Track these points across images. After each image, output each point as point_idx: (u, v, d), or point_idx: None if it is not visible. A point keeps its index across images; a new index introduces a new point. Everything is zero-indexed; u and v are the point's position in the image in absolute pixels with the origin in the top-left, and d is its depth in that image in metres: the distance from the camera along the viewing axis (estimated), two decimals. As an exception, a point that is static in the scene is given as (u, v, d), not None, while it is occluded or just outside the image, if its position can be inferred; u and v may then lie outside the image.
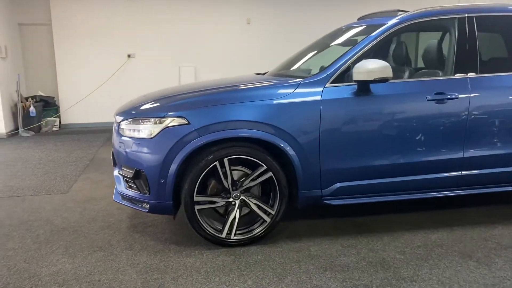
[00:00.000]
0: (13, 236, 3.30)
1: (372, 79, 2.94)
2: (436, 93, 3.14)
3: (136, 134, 3.01)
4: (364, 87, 3.06)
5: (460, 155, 3.21)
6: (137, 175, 3.02)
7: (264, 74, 4.13)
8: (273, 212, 3.04)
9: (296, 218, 3.54)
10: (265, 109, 2.95)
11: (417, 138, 3.12)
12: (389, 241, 3.11)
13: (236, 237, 3.02)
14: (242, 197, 3.01)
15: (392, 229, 3.32)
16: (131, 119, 3.06)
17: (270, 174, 2.99)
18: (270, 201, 3.10)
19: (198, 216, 2.96)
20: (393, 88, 3.14)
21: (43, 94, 8.70)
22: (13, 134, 8.04)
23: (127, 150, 3.05)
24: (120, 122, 3.13)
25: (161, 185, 2.92)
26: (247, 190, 3.03)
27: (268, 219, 3.04)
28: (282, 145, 2.95)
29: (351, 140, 3.07)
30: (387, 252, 2.94)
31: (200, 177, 2.91)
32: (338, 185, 3.11)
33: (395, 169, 3.16)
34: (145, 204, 3.03)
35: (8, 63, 8.15)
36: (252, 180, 3.01)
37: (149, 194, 2.98)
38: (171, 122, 2.90)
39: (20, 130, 8.03)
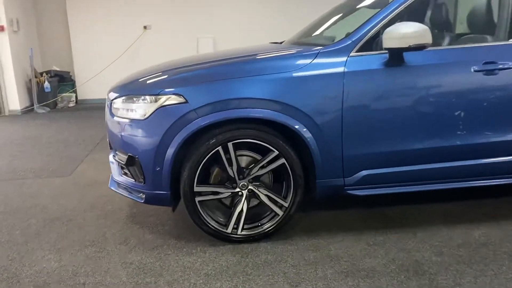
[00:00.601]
0: (2, 227, 3.01)
1: (407, 46, 2.42)
2: (485, 63, 2.58)
3: (128, 114, 2.61)
4: (396, 56, 2.54)
5: (512, 137, 2.68)
6: (131, 162, 2.64)
7: (281, 43, 3.64)
8: (286, 205, 2.62)
9: (314, 209, 3.10)
10: (277, 84, 2.49)
11: (461, 117, 2.60)
12: (424, 238, 2.65)
13: (243, 233, 2.63)
14: (250, 187, 2.60)
15: (427, 223, 2.85)
16: (123, 97, 2.66)
17: (282, 160, 2.55)
18: (283, 191, 2.67)
19: (199, 208, 2.57)
20: (432, 57, 2.61)
21: (58, 69, 8.44)
22: (29, 110, 7.85)
23: (120, 133, 2.66)
24: (113, 100, 2.74)
25: (157, 173, 2.53)
26: (256, 179, 2.61)
27: (280, 212, 2.62)
28: (296, 126, 2.50)
29: (380, 120, 2.58)
30: (421, 252, 2.48)
31: (201, 165, 2.50)
32: (364, 173, 2.64)
33: (434, 154, 2.66)
34: (141, 194, 2.66)
35: (20, 37, 7.88)
36: (262, 167, 2.58)
37: (144, 183, 2.61)
38: (166, 100, 2.48)
39: (35, 106, 7.82)
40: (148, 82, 2.68)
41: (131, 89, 2.69)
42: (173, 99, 2.47)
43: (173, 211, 2.70)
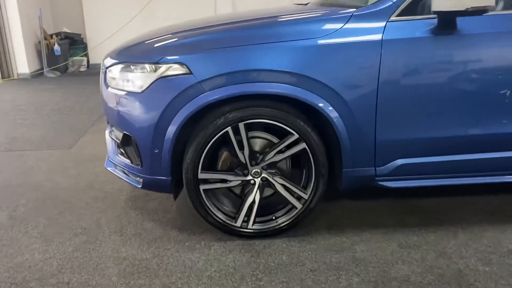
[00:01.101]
0: (-11, 207, 2.72)
1: (463, 9, 1.94)
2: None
3: (124, 86, 2.22)
4: (447, 21, 2.07)
5: None
6: (127, 141, 2.28)
7: (306, 4, 3.15)
8: (305, 197, 2.23)
9: (338, 198, 2.72)
10: (299, 53, 2.05)
11: (524, 99, 2.14)
12: (467, 240, 2.24)
13: (254, 227, 2.27)
14: (264, 175, 2.22)
15: (470, 221, 2.43)
16: (119, 65, 2.27)
17: (303, 145, 2.15)
18: (302, 180, 2.28)
19: (204, 198, 2.21)
20: (493, 25, 2.13)
21: (68, 31, 8.06)
22: (38, 74, 7.54)
23: (114, 107, 2.29)
24: (108, 68, 2.35)
25: (156, 156, 2.16)
26: (272, 165, 2.22)
27: (298, 205, 2.24)
28: (321, 104, 2.08)
29: (422, 99, 2.13)
30: (465, 259, 2.09)
31: (207, 148, 2.12)
32: (400, 162, 2.23)
33: (487, 142, 2.22)
34: (138, 178, 2.31)
35: (29, -4, 7.49)
36: (278, 152, 2.18)
37: (141, 167, 2.25)
38: (167, 70, 2.08)
39: (45, 70, 7.51)
40: (147, 48, 2.28)
41: (128, 56, 2.29)
42: (174, 69, 2.07)
43: (175, 199, 2.35)
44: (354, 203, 2.65)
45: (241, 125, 2.09)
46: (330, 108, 2.09)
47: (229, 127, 2.09)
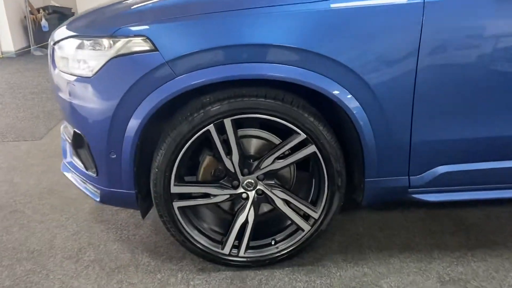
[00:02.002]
0: None
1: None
2: None
3: (72, 68, 1.65)
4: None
5: None
6: (78, 141, 1.73)
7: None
8: (315, 215, 1.68)
9: (356, 209, 2.16)
10: (305, 22, 1.46)
11: None
12: (529, 272, 1.69)
13: (248, 254, 1.72)
14: (260, 187, 1.66)
15: (529, 241, 1.87)
16: (68, 40, 1.69)
17: (312, 148, 1.58)
18: (311, 194, 1.73)
19: (179, 218, 1.66)
20: None
21: (57, 5, 7.43)
22: (25, 52, 6.97)
23: (63, 95, 1.72)
24: (55, 44, 1.78)
25: (113, 162, 1.61)
26: (270, 175, 1.66)
27: (306, 227, 1.69)
28: (336, 92, 1.50)
29: (480, 85, 1.54)
30: (530, 302, 1.54)
31: (181, 153, 1.56)
32: (442, 169, 1.65)
33: None
34: (96, 189, 1.77)
35: (12, -34, 6.85)
36: (280, 158, 1.62)
37: (97, 175, 1.70)
38: (124, 46, 1.50)
39: (32, 47, 6.93)
40: (101, 17, 1.70)
41: (78, 28, 1.71)
42: (134, 45, 1.49)
43: (143, 217, 1.81)
44: (377, 216, 2.09)
45: (227, 122, 1.52)
46: (349, 96, 1.51)
47: (211, 124, 1.52)
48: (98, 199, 1.76)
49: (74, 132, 1.70)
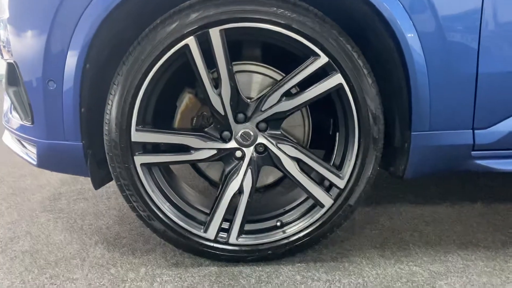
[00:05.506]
0: None
1: None
2: None
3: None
4: None
5: None
6: (11, 76, 1.26)
7: None
8: (341, 183, 1.16)
9: (390, 195, 1.63)
10: None
11: None
12: None
13: (242, 241, 1.19)
14: (261, 141, 1.16)
15: None
16: None
17: (337, 79, 1.09)
18: (333, 156, 1.22)
19: (143, 181, 1.15)
20: None
21: None
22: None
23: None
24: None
25: (52, 99, 1.13)
26: (276, 122, 1.16)
27: (327, 201, 1.17)
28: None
29: None
30: None
31: (147, 80, 1.08)
32: (522, 120, 1.16)
33: None
34: (32, 146, 1.27)
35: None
36: (288, 96, 1.13)
37: (32, 124, 1.21)
38: None
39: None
40: None
41: None
42: None
43: (96, 187, 1.30)
44: (419, 210, 1.55)
45: (214, 33, 1.05)
46: (392, 10, 1.06)
47: (192, 37, 1.05)
48: (35, 163, 1.26)
49: (7, 64, 1.24)
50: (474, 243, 1.31)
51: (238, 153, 1.16)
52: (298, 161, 1.15)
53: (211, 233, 1.17)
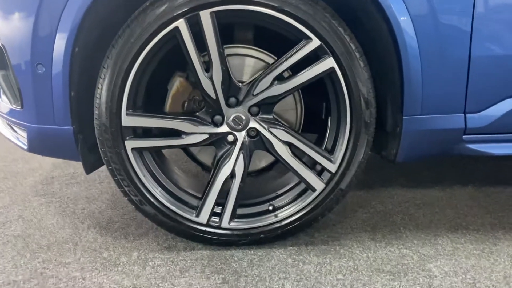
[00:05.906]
0: None
1: None
2: None
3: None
4: None
5: None
6: (0, 61, 1.24)
7: None
8: (333, 167, 1.16)
9: (378, 177, 1.64)
10: None
11: None
12: None
13: (234, 225, 1.19)
14: (253, 125, 1.15)
15: None
16: None
17: (329, 63, 1.08)
18: (325, 140, 1.22)
19: (134, 166, 1.14)
20: None
21: None
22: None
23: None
24: None
25: (41, 82, 1.11)
26: (268, 106, 1.16)
27: (319, 185, 1.17)
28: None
29: None
30: None
31: (137, 64, 1.06)
32: (512, 103, 1.16)
33: None
34: (22, 131, 1.26)
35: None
36: (280, 79, 1.12)
37: (22, 108, 1.20)
38: None
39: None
40: None
41: None
42: None
43: (87, 172, 1.29)
44: (410, 194, 1.57)
45: (204, 16, 1.04)
46: None
47: (182, 19, 1.04)
48: (26, 147, 1.25)
49: (-5, 46, 1.23)
50: (464, 226, 1.33)
51: (230, 138, 1.16)
52: (290, 145, 1.15)
53: (203, 217, 1.18)
